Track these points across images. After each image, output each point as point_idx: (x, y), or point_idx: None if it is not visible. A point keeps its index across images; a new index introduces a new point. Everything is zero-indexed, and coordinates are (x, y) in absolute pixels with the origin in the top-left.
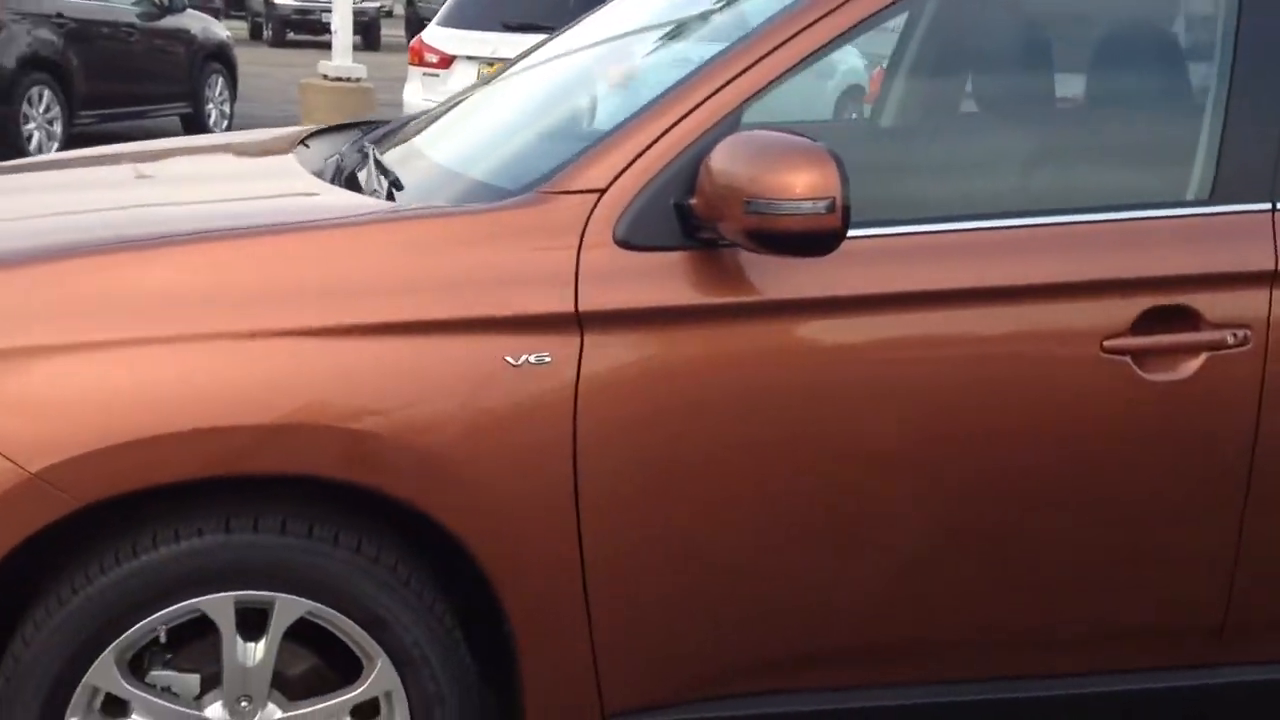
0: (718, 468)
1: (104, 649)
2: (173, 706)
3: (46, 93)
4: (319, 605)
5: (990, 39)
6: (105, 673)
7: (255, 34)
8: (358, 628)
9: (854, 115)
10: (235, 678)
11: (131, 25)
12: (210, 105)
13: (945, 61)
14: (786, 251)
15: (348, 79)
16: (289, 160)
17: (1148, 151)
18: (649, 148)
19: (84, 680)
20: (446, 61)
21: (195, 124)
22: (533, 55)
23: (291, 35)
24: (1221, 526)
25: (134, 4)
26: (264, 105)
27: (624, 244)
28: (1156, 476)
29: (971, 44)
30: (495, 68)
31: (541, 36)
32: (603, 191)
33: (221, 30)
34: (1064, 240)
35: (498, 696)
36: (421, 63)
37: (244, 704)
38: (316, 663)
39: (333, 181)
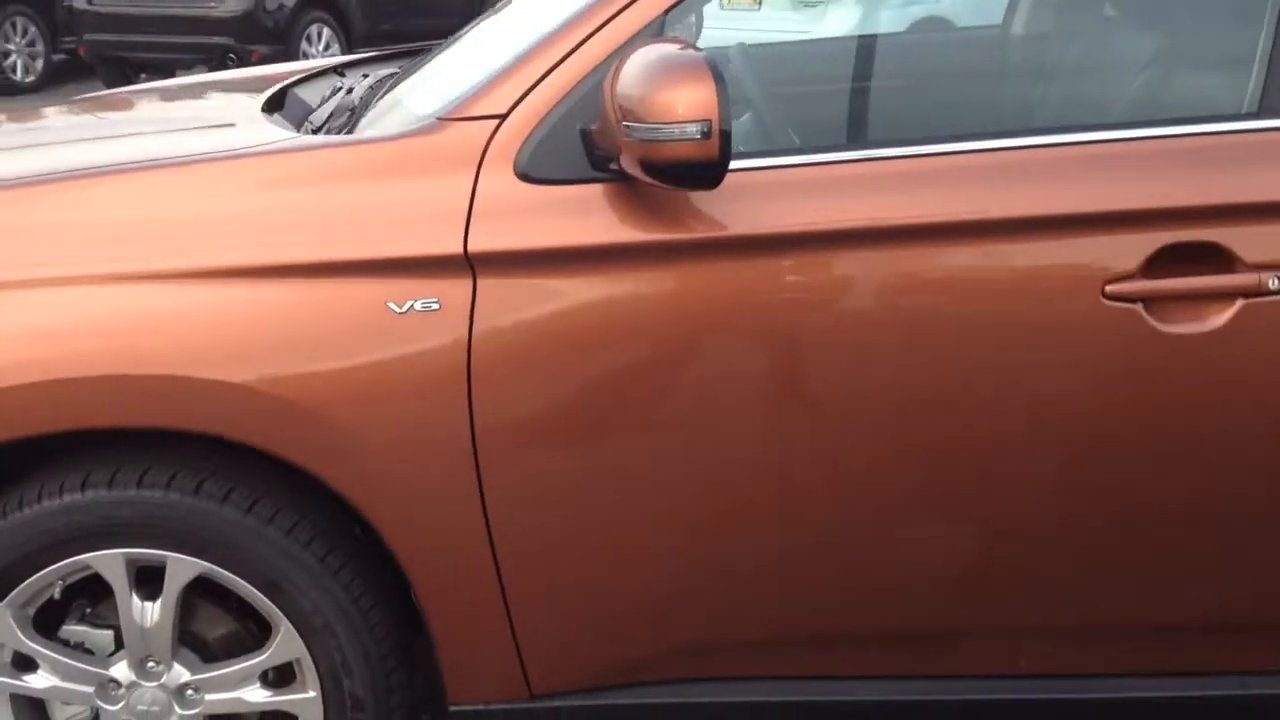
0: (626, 426)
1: None
2: (76, 664)
3: (326, 30)
4: (211, 566)
5: None
6: (3, 626)
7: None
8: (255, 591)
9: None
10: (134, 637)
11: None
12: None
13: None
14: (673, 183)
15: None
16: (253, 97)
17: (1183, 57)
18: (556, 66)
19: None
20: None
21: None
22: None
23: None
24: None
25: None
26: None
27: (526, 177)
28: (1179, 449)
29: None
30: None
31: None
32: (503, 117)
33: None
34: (1055, 165)
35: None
36: None
37: (151, 664)
38: (236, 627)
39: (317, 122)
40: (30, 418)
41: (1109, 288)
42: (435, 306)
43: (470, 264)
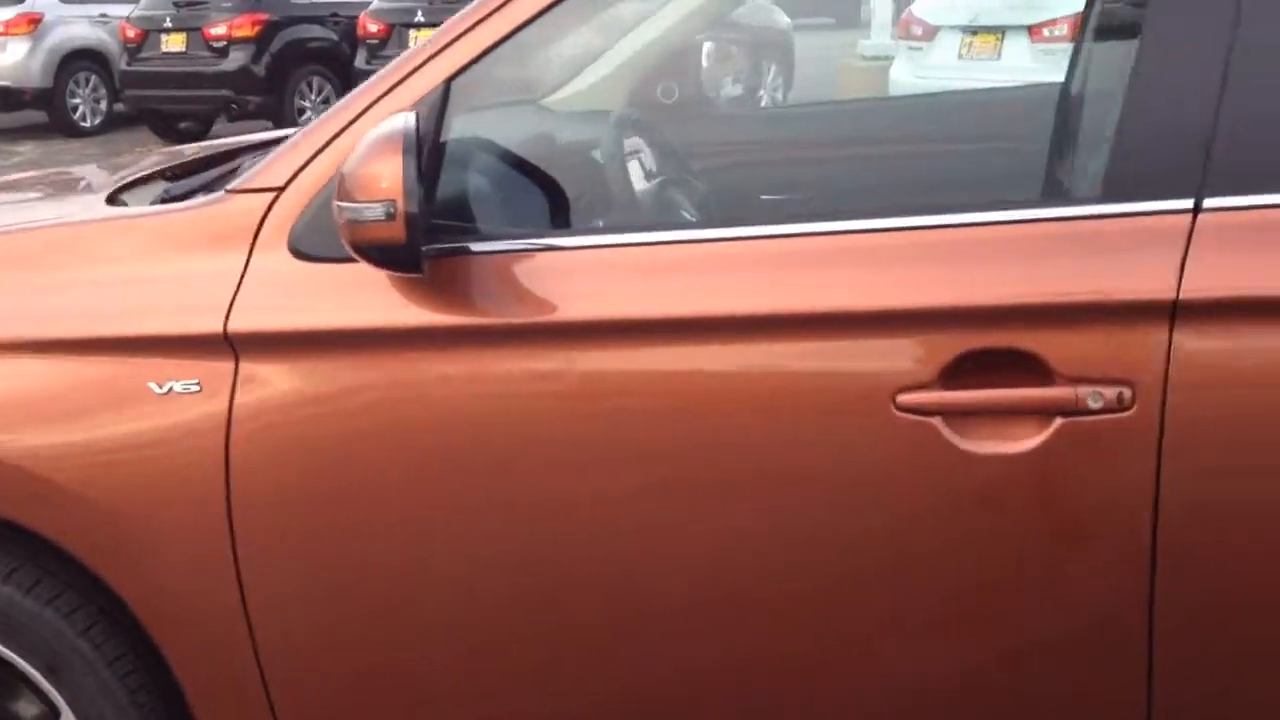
0: (383, 513)
1: None
2: None
3: None
4: None
5: None
6: None
7: None
8: (37, 674)
9: None
10: None
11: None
12: (762, 92)
13: None
14: (378, 265)
15: (885, 58)
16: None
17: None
18: (333, 140)
19: None
20: (930, 33)
21: None
22: None
23: None
24: (1112, 655)
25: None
26: (823, 87)
27: (298, 252)
28: (977, 581)
29: None
30: (978, 37)
31: None
32: (280, 190)
33: (783, 19)
34: (839, 255)
35: None
36: (908, 35)
37: None
38: (46, 708)
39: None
40: None
41: (901, 398)
42: (195, 389)
43: (232, 345)
